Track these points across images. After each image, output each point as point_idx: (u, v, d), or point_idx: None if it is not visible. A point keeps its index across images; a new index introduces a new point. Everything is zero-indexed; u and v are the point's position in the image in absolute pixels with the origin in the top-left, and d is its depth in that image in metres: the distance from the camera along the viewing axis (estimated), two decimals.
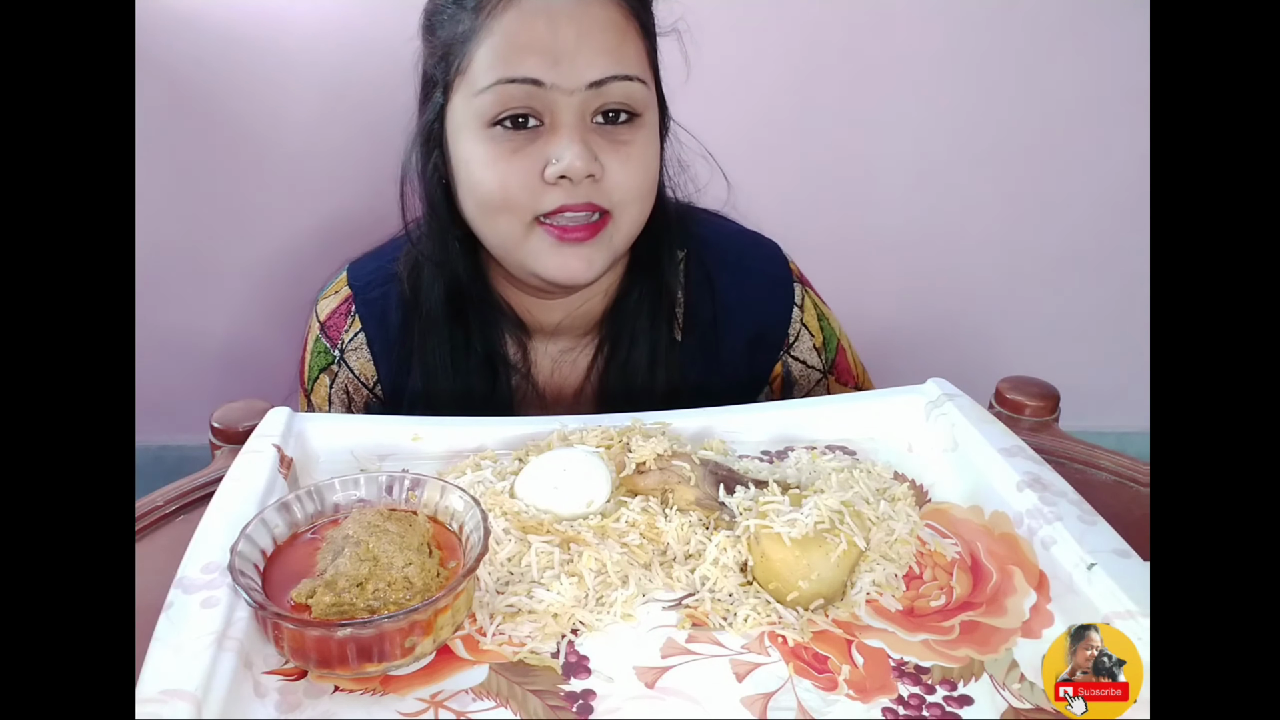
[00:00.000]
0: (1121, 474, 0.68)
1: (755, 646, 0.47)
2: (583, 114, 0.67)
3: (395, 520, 0.48)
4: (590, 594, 0.50)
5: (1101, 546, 0.49)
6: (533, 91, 0.65)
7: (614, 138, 0.68)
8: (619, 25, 0.67)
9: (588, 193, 0.67)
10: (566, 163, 0.65)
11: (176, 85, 1.41)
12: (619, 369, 0.80)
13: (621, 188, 0.69)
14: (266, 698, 0.43)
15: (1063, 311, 1.75)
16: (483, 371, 0.78)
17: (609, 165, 0.68)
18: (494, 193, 0.68)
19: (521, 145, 0.67)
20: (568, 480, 0.56)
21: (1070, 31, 1.52)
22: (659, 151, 0.73)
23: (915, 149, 1.59)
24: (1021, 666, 0.47)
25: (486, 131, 0.67)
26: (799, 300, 0.84)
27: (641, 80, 0.68)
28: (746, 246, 0.85)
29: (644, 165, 0.70)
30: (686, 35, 0.75)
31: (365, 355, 0.80)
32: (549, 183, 0.67)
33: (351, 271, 0.83)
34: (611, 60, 0.66)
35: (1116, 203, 1.62)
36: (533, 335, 0.81)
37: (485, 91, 0.66)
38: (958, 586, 0.52)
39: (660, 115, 0.75)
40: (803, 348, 0.84)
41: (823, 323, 0.86)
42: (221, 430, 0.70)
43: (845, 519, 0.51)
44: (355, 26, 1.40)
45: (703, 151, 0.79)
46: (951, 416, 0.64)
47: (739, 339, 0.83)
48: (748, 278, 0.83)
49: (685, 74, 0.76)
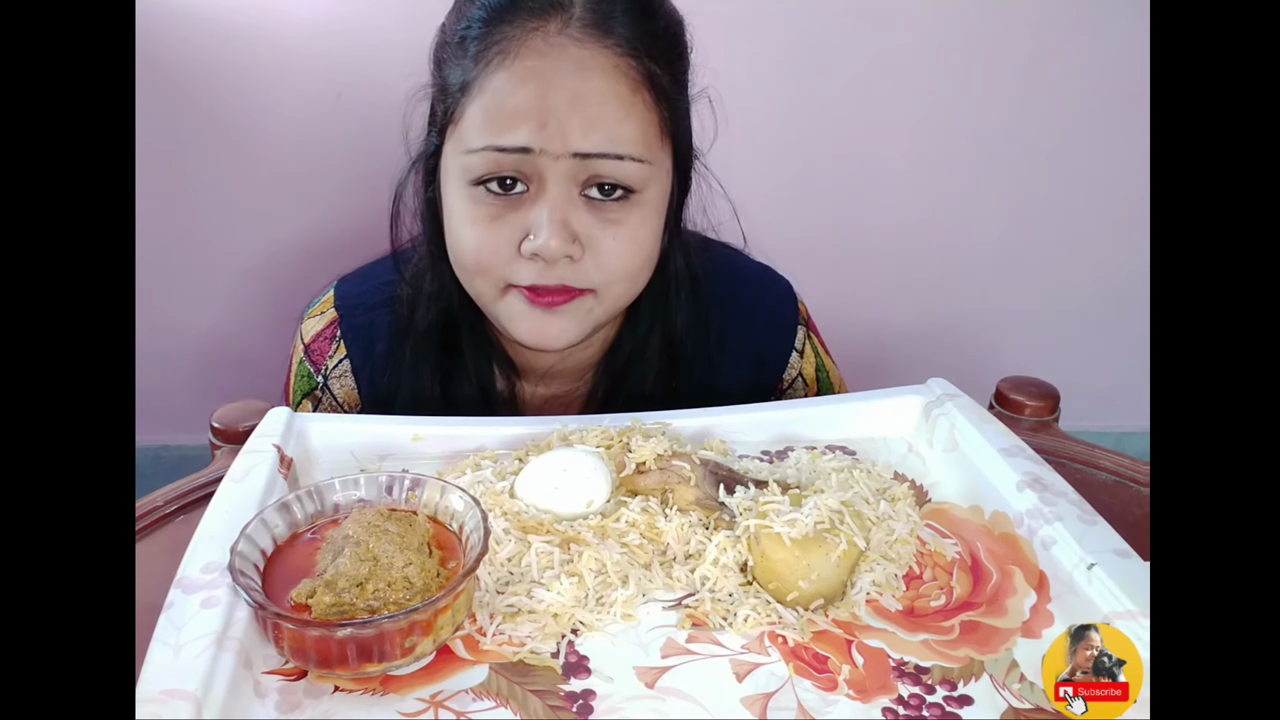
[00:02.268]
0: (1121, 474, 0.68)
1: (755, 646, 0.47)
2: (570, 186, 0.63)
3: (395, 520, 0.48)
4: (590, 594, 0.50)
5: (1101, 546, 0.50)
6: (521, 159, 0.62)
7: (604, 214, 0.65)
8: (620, 98, 0.63)
9: (562, 274, 0.65)
10: (540, 242, 0.63)
11: (170, 84, 1.41)
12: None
13: (605, 268, 0.66)
14: (266, 698, 0.43)
15: (1063, 311, 1.75)
16: (473, 406, 0.76)
17: (596, 243, 0.65)
18: (469, 254, 0.66)
19: (502, 212, 0.64)
20: (568, 480, 0.56)
21: (1071, 31, 1.52)
22: (660, 228, 0.69)
23: (916, 149, 1.59)
24: (1021, 666, 0.47)
25: (470, 190, 0.65)
26: (799, 345, 0.82)
27: (639, 160, 0.64)
28: (750, 281, 0.82)
29: (634, 245, 0.66)
30: (717, 101, 0.72)
31: (349, 383, 0.79)
32: (524, 256, 0.64)
33: (339, 291, 0.81)
34: (603, 137, 0.62)
35: (1117, 202, 1.62)
36: (523, 376, 0.80)
37: (474, 154, 0.63)
38: (958, 586, 0.52)
39: (679, 180, 0.71)
40: (796, 395, 0.82)
41: (821, 374, 0.83)
42: (221, 430, 0.70)
43: (845, 519, 0.51)
44: (350, 26, 1.40)
45: (724, 194, 0.76)
46: (952, 416, 0.64)
47: (736, 380, 0.80)
48: (747, 314, 0.80)
49: (712, 138, 0.73)
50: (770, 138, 1.53)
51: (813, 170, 1.60)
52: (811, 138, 1.57)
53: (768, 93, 1.52)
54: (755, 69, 1.49)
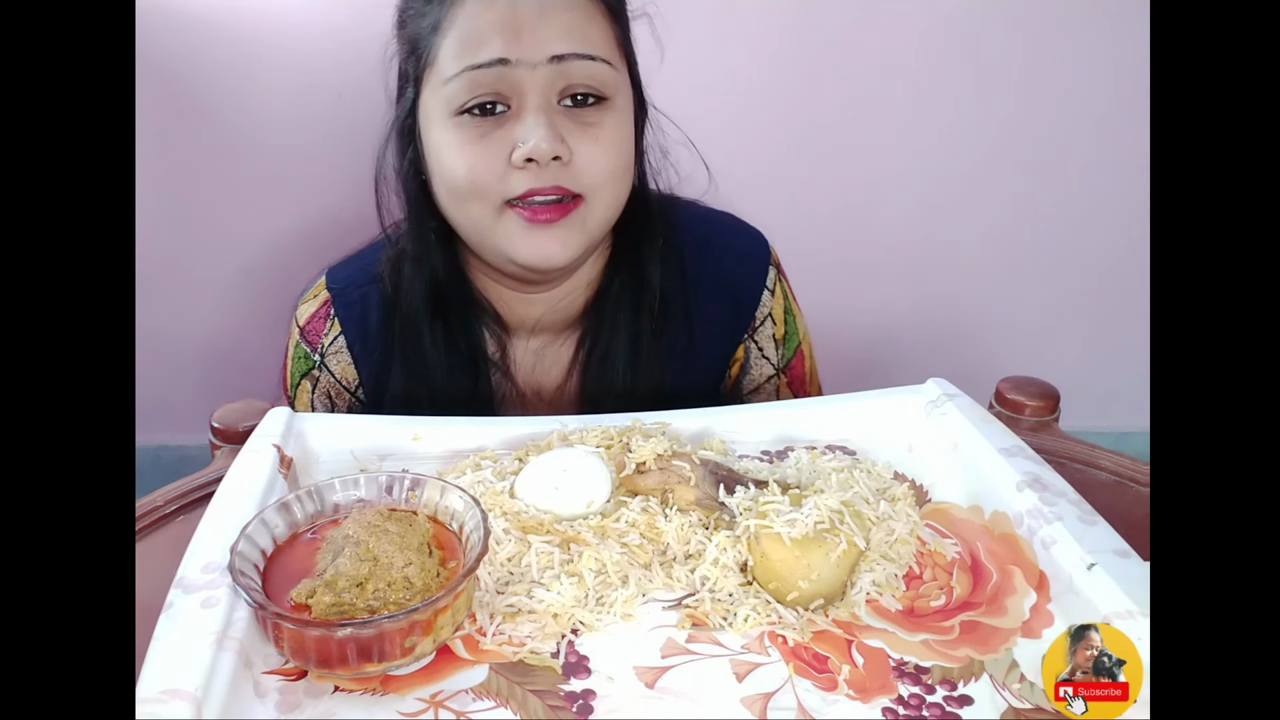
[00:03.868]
0: (1121, 474, 0.68)
1: (755, 646, 0.47)
2: (548, 94, 0.67)
3: (395, 520, 0.48)
4: (590, 594, 0.50)
5: (1101, 546, 0.49)
6: (499, 73, 0.65)
7: (582, 120, 0.68)
8: (581, 5, 0.67)
9: (555, 176, 0.67)
10: (532, 145, 0.65)
11: (165, 84, 1.41)
12: (599, 364, 0.79)
13: (591, 170, 0.68)
14: (266, 698, 0.43)
15: (1063, 311, 1.75)
16: (465, 368, 0.78)
17: (577, 148, 0.67)
18: (462, 178, 0.68)
19: (489, 130, 0.67)
20: (568, 480, 0.56)
21: (1070, 31, 1.52)
22: (632, 135, 0.72)
23: (915, 148, 1.59)
24: (1021, 666, 0.47)
25: (455, 120, 0.67)
26: (771, 285, 0.84)
27: (607, 62, 0.68)
28: (724, 228, 0.85)
29: (614, 147, 0.69)
30: (659, 19, 0.75)
31: (346, 358, 0.80)
32: (516, 166, 0.67)
33: (330, 276, 0.82)
34: (575, 39, 0.66)
35: (1118, 201, 1.62)
36: (512, 332, 0.81)
37: (452, 80, 0.66)
38: (958, 586, 0.52)
39: (638, 101, 0.74)
40: (764, 334, 0.84)
41: (788, 316, 0.85)
42: (221, 430, 0.70)
43: (845, 519, 0.51)
44: (339, 25, 1.40)
45: (685, 140, 0.79)
46: (952, 416, 0.64)
47: (715, 322, 0.82)
48: (720, 256, 0.82)
49: (659, 57, 0.76)
50: (770, 138, 1.53)
51: (811, 170, 1.59)
52: (810, 138, 1.57)
53: (767, 92, 1.52)
54: (755, 70, 1.49)
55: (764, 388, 0.85)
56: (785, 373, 0.85)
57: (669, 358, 0.80)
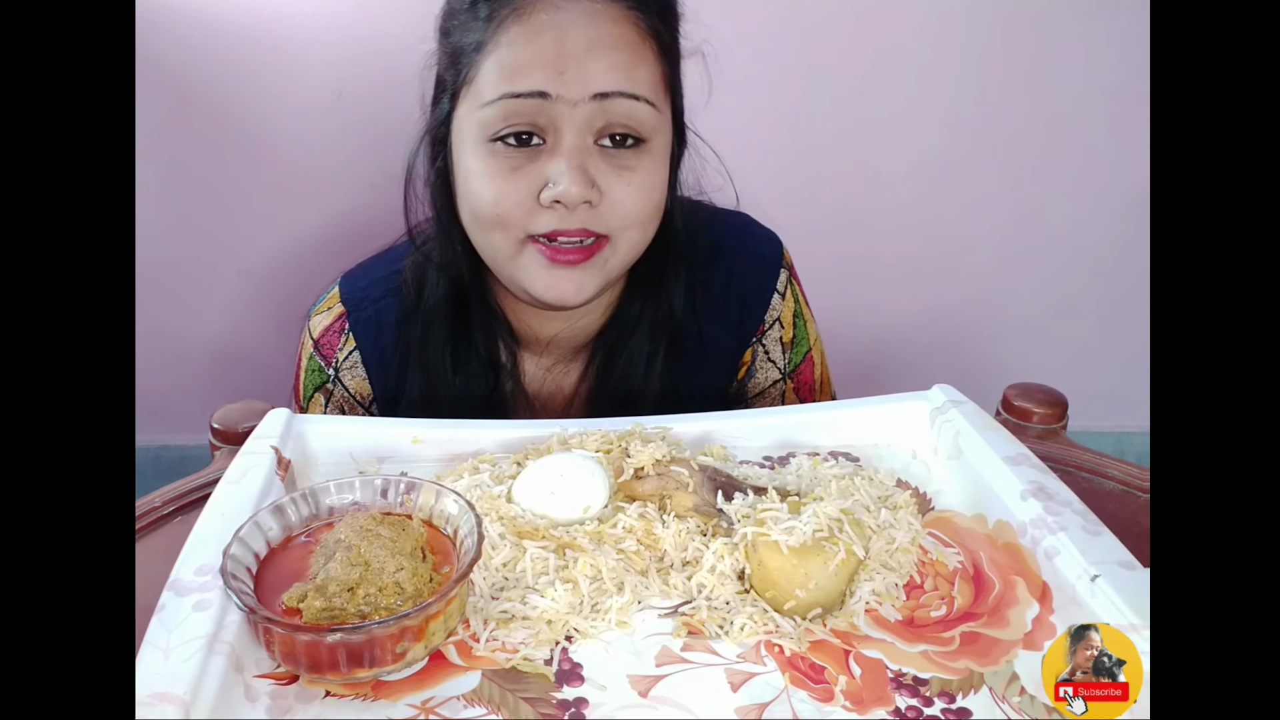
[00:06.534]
0: (1130, 484, 0.67)
1: (751, 656, 0.47)
2: (585, 133, 0.65)
3: (388, 524, 0.48)
4: (585, 600, 0.49)
5: (1106, 558, 0.49)
6: (538, 106, 0.64)
7: (617, 162, 0.66)
8: (632, 43, 0.65)
9: (583, 219, 0.66)
10: (562, 188, 0.64)
11: (174, 85, 1.41)
12: (610, 384, 0.79)
13: (620, 213, 0.67)
14: (257, 702, 0.43)
15: (1066, 312, 1.74)
16: (483, 373, 0.78)
17: (609, 190, 0.66)
18: (488, 208, 0.67)
19: (521, 164, 0.65)
20: (565, 485, 0.55)
21: (1071, 31, 1.51)
22: (666, 178, 0.71)
23: (919, 153, 1.59)
24: (1022, 679, 0.46)
25: (488, 146, 0.66)
26: (781, 288, 0.82)
27: (650, 103, 0.66)
28: (735, 229, 0.83)
29: (647, 191, 0.68)
30: (711, 57, 0.73)
31: (360, 374, 0.79)
32: (544, 205, 0.65)
33: (344, 286, 0.82)
34: (620, 76, 0.64)
35: (1120, 201, 1.60)
36: (525, 346, 0.81)
37: (489, 105, 0.65)
38: (959, 596, 0.52)
39: (677, 138, 0.72)
40: (771, 338, 0.83)
41: (798, 321, 0.84)
42: (221, 431, 0.70)
43: (844, 527, 0.50)
44: (356, 27, 1.40)
45: (718, 165, 0.77)
46: (956, 423, 0.63)
47: (723, 325, 0.81)
48: (730, 255, 0.81)
49: (706, 96, 0.74)
50: (771, 139, 1.53)
51: (816, 175, 1.59)
52: (813, 142, 1.57)
53: (768, 95, 1.51)
54: (755, 71, 1.48)
55: (769, 392, 0.84)
56: (792, 378, 0.84)
57: (682, 375, 0.79)
